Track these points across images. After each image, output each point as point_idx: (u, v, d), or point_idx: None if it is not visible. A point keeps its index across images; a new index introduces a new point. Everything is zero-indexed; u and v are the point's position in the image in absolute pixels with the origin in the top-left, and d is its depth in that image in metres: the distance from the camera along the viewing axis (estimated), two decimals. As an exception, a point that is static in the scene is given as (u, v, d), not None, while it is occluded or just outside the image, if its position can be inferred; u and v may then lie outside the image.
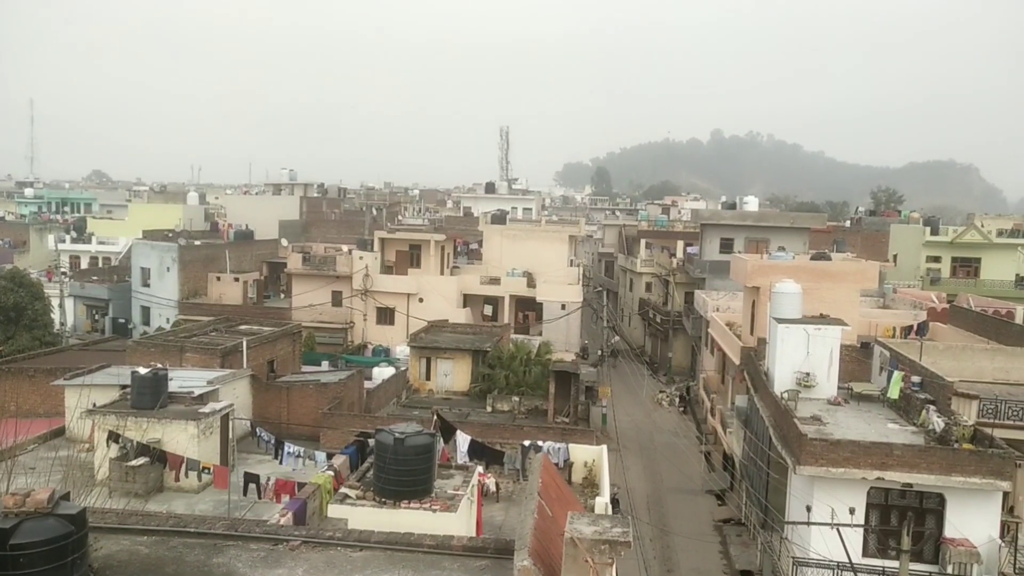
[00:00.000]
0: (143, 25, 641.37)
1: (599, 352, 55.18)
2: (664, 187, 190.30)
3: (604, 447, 23.25)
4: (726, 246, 55.18)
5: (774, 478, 24.14)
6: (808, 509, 20.49)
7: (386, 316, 51.63)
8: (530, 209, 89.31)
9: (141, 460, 22.93)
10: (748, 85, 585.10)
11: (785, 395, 24.68)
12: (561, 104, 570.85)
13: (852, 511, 19.86)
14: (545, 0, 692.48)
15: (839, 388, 26.34)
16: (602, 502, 18.01)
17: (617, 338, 67.70)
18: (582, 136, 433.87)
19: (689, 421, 47.99)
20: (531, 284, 52.93)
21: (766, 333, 28.98)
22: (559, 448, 22.78)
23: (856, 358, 31.48)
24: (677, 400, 51.65)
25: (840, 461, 20.31)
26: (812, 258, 37.82)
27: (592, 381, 39.41)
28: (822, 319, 27.14)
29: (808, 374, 25.85)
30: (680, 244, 64.88)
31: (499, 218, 63.08)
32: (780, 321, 26.60)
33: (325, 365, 42.88)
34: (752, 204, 70.21)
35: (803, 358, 25.95)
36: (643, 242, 70.45)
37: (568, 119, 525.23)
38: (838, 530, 18.39)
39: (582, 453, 22.95)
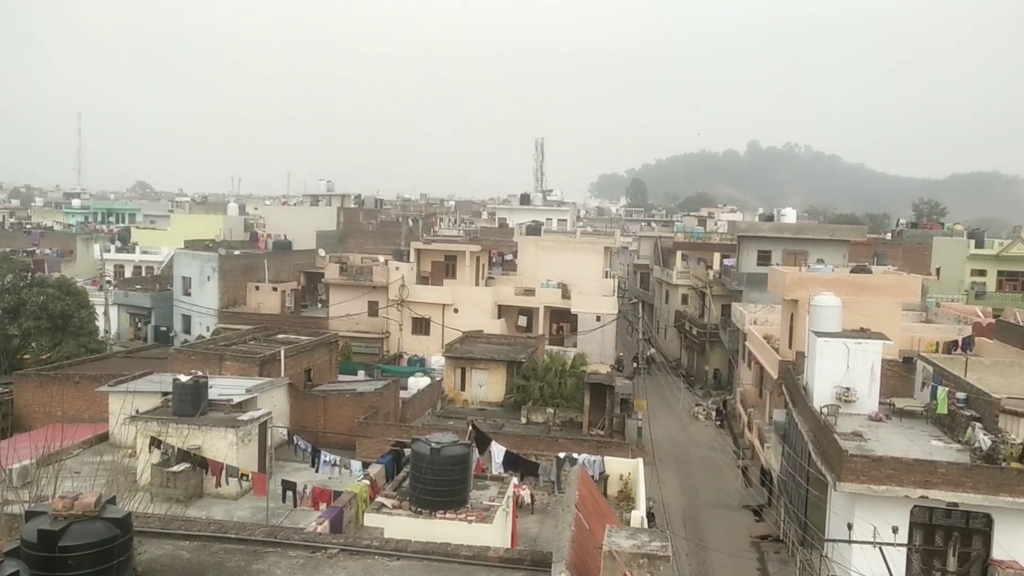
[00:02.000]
0: (183, 41, 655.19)
1: (634, 364, 54.81)
2: (700, 199, 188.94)
3: (640, 460, 23.11)
4: (763, 258, 54.55)
5: (813, 494, 23.72)
6: (849, 527, 20.09)
7: (421, 326, 51.89)
8: (565, 220, 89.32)
9: (182, 466, 23.31)
10: (785, 96, 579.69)
11: (824, 410, 24.26)
12: (596, 115, 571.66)
13: (895, 530, 19.42)
14: (581, 12, 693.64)
15: (880, 404, 25.84)
16: (638, 515, 17.89)
17: (653, 350, 67.19)
18: (617, 147, 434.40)
19: (726, 435, 47.40)
20: (566, 295, 52.83)
21: (805, 347, 28.56)
22: (594, 461, 22.70)
23: (898, 373, 30.85)
24: (713, 414, 51.08)
25: (882, 478, 19.90)
26: (852, 271, 37.20)
27: (627, 393, 39.19)
28: (863, 333, 26.67)
29: (848, 389, 25.41)
30: (716, 256, 64.32)
31: (534, 229, 63.12)
32: (819, 335, 26.20)
33: (361, 374, 43.18)
34: (790, 216, 69.34)
35: (843, 372, 25.52)
36: (679, 254, 69.97)
37: (603, 130, 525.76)
38: (881, 549, 18.00)
39: (617, 466, 22.84)
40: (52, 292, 44.14)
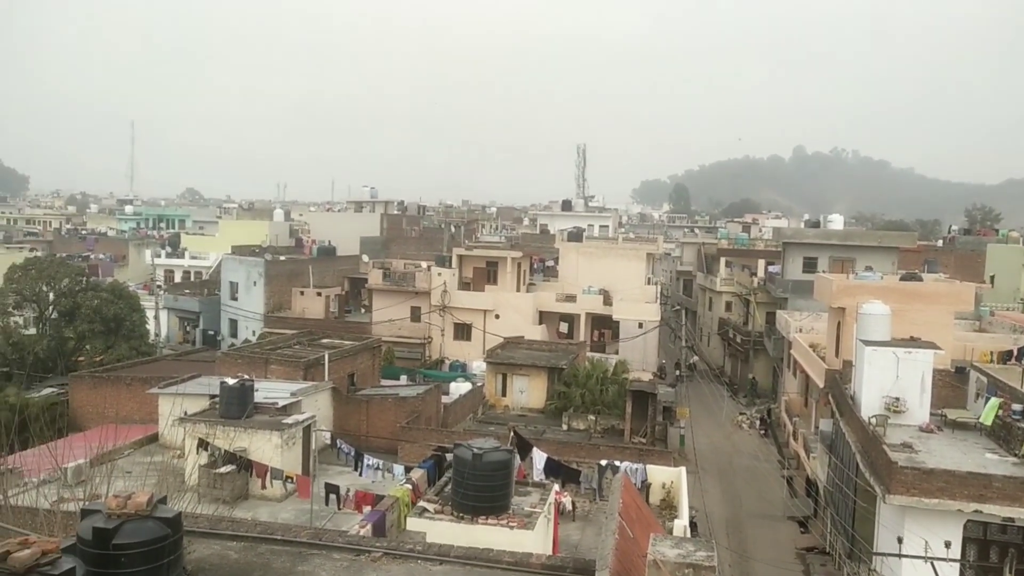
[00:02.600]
0: (231, 53, 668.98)
1: (677, 372, 54.30)
2: (744, 205, 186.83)
3: (682, 469, 22.88)
4: (809, 265, 53.69)
5: (861, 506, 23.20)
6: (899, 541, 19.60)
7: (463, 332, 52.12)
8: (607, 226, 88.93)
9: (228, 468, 23.71)
10: (832, 101, 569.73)
11: (873, 420, 23.74)
12: (639, 121, 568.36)
13: (948, 545, 18.87)
14: (624, 17, 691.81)
15: (932, 415, 25.19)
16: (681, 525, 17.69)
17: (695, 358, 66.51)
18: (660, 153, 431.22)
19: (770, 444, 46.65)
20: (607, 302, 52.60)
21: (852, 355, 27.98)
22: (636, 468, 22.54)
23: (950, 383, 30.03)
24: (758, 423, 50.34)
25: (934, 491, 19.38)
26: (902, 278, 36.36)
27: (670, 401, 38.86)
28: (913, 342, 26.04)
29: (898, 399, 24.81)
30: (761, 263, 63.46)
31: (575, 235, 62.99)
32: (867, 343, 25.65)
33: (403, 379, 43.52)
34: (837, 222, 68.01)
35: (892, 382, 24.92)
36: (723, 260, 69.19)
37: (645, 136, 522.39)
38: (932, 564, 17.51)
39: (660, 474, 22.63)
40: (106, 296, 45.29)
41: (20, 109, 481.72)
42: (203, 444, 24.22)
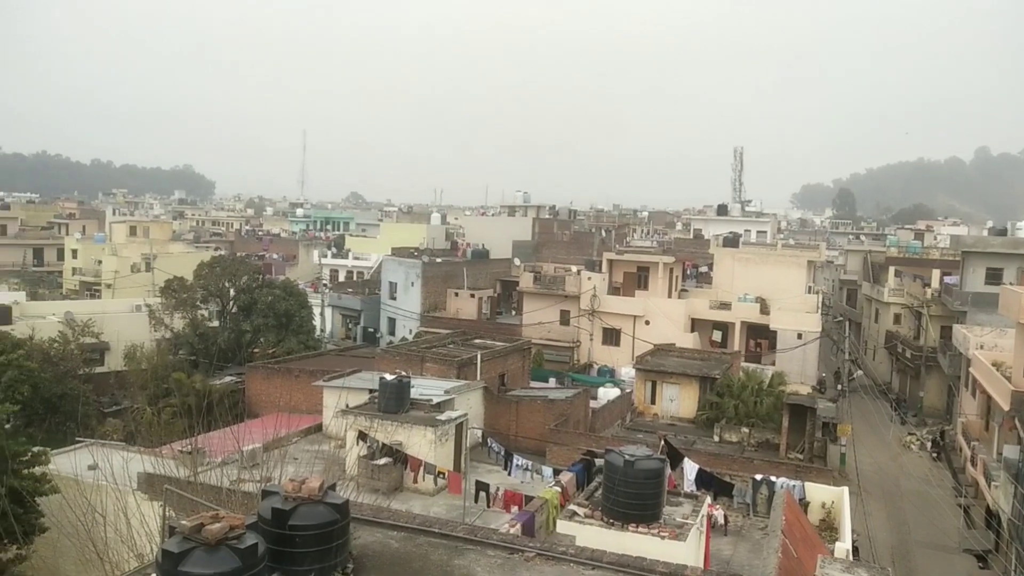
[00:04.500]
0: (399, 68, 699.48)
1: (838, 386, 51.39)
2: (916, 211, 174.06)
3: (845, 488, 21.67)
4: (993, 277, 49.38)
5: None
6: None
7: (612, 337, 51.80)
8: (764, 232, 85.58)
9: (385, 460, 24.78)
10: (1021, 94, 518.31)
11: (1069, 449, 21.47)
12: (799, 123, 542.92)
13: None
14: (785, 17, 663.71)
15: None
16: (843, 548, 16.73)
17: (859, 372, 62.70)
18: (823, 156, 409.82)
19: (943, 469, 43.20)
20: (764, 311, 50.60)
21: (1045, 377, 25.42)
22: (794, 486, 21.54)
23: None
24: (929, 445, 46.76)
25: None
26: (1106, 293, 32.64)
27: (830, 417, 36.85)
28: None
29: (1100, 427, 22.30)
30: (936, 273, 58.92)
31: (731, 241, 61.02)
32: (1064, 364, 23.22)
33: (552, 382, 43.81)
34: (1027, 230, 62.18)
35: (1093, 408, 22.44)
36: (892, 270, 65.01)
37: (807, 138, 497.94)
38: None
39: (819, 493, 21.53)
40: (278, 293, 48.61)
41: (205, 116, 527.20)
42: (363, 436, 25.42)
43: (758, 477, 22.38)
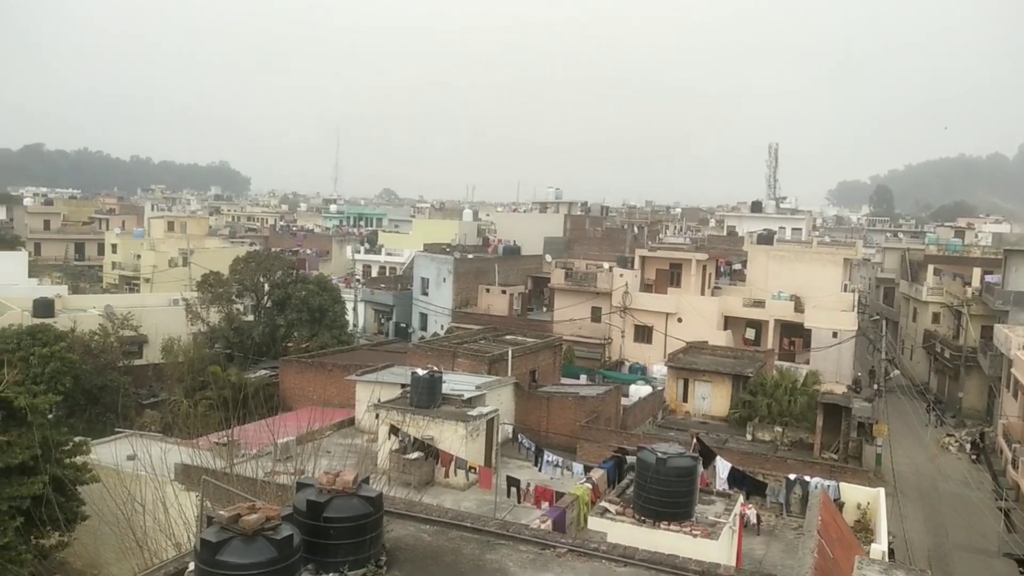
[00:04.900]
0: (429, 71, 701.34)
1: (875, 385, 50.60)
2: (957, 208, 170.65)
3: (881, 490, 21.33)
4: (1037, 275, 48.29)
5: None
6: None
7: (643, 334, 51.53)
8: (799, 229, 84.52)
9: (417, 454, 24.93)
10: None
11: (1116, 453, 20.92)
12: (836, 120, 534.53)
13: None
14: (827, 14, 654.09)
15: None
16: (879, 550, 16.48)
17: (896, 372, 61.69)
18: (860, 153, 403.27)
19: (983, 471, 42.35)
20: (799, 309, 49.96)
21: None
22: (828, 486, 21.25)
23: None
24: (968, 446, 45.85)
25: None
26: None
27: (866, 417, 36.22)
28: None
29: None
30: (976, 272, 57.71)
31: (765, 238, 60.35)
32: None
33: (583, 379, 43.72)
34: (1073, 228, 60.65)
35: None
36: (931, 268, 63.85)
37: (844, 135, 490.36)
38: None
39: (854, 494, 21.23)
40: (312, 288, 49.09)
41: (241, 115, 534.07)
42: (394, 430, 25.61)
43: (792, 477, 22.14)
